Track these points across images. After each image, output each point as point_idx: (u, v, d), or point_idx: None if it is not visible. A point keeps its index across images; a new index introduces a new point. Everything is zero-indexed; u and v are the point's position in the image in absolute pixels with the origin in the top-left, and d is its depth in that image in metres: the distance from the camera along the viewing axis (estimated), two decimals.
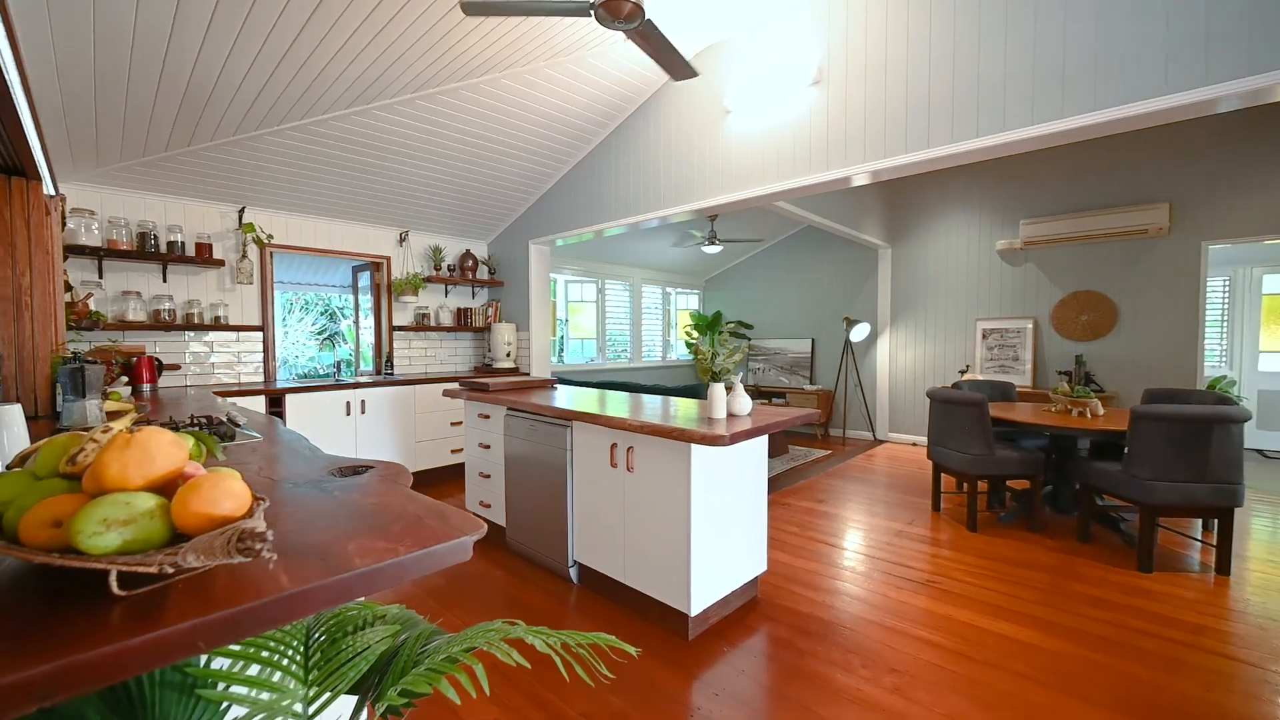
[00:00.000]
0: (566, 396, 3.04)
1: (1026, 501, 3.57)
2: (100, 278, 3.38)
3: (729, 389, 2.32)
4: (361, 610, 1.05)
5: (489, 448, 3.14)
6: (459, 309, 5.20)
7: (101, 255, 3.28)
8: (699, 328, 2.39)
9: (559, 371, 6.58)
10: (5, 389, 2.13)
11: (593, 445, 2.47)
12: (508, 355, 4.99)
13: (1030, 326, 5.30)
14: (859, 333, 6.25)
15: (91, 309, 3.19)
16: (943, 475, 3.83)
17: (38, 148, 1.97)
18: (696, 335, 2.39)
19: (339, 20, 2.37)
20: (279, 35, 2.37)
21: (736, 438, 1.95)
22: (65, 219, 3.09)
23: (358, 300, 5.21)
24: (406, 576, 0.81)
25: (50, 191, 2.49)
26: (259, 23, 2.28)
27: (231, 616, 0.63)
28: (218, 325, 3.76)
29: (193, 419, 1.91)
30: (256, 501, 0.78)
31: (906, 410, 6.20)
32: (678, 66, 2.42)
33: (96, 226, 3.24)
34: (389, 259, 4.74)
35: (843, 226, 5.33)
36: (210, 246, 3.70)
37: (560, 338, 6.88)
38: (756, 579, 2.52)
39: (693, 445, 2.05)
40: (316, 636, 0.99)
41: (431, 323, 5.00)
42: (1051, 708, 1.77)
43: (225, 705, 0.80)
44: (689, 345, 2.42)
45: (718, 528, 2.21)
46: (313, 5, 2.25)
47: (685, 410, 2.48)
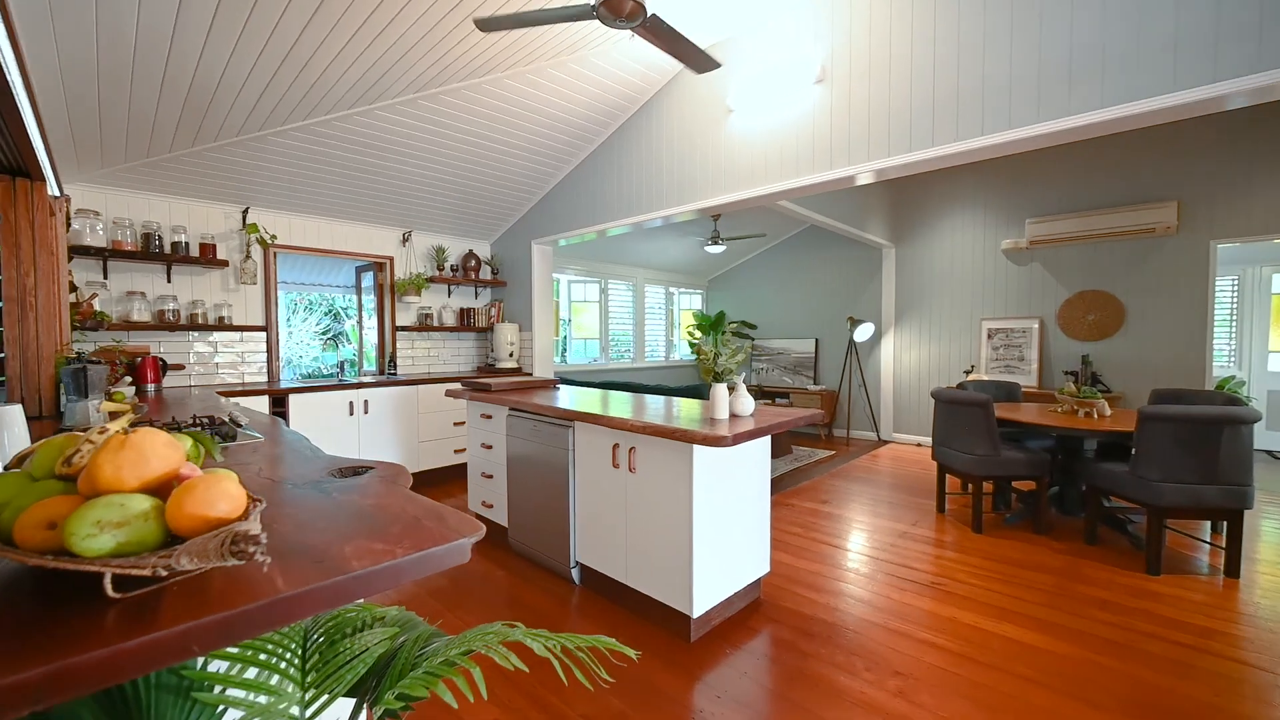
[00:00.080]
0: (569, 397, 3.03)
1: (1032, 503, 3.54)
2: (105, 278, 3.40)
3: (731, 389, 2.31)
4: (360, 612, 1.05)
5: (491, 448, 3.14)
6: (462, 309, 5.20)
7: (106, 256, 3.30)
8: (702, 328, 2.39)
9: (562, 372, 6.58)
10: (9, 389, 2.14)
11: (595, 446, 2.46)
12: (510, 355, 4.99)
13: (1036, 326, 5.26)
14: (863, 333, 6.22)
15: (96, 309, 3.20)
16: (947, 476, 3.81)
17: (41, 149, 1.98)
18: (699, 335, 2.39)
19: (340, 21, 2.37)
20: (280, 36, 2.37)
21: (739, 438, 1.94)
22: (70, 220, 3.10)
23: (361, 300, 5.22)
24: (403, 579, 0.80)
25: (55, 192, 2.50)
26: (260, 23, 2.28)
27: (225, 620, 0.62)
28: (221, 325, 3.77)
29: (195, 419, 1.92)
30: (253, 503, 0.78)
31: (911, 410, 6.16)
32: (696, 58, 2.36)
33: (101, 227, 3.26)
34: (392, 259, 4.75)
35: (847, 226, 5.31)
36: (214, 247, 3.71)
37: (563, 338, 6.88)
38: (759, 580, 2.51)
39: (695, 446, 2.04)
40: (315, 638, 0.98)
41: (434, 323, 5.00)
42: (1057, 712, 1.75)
43: (222, 709, 0.79)
44: (692, 345, 2.41)
45: (720, 529, 2.20)
46: (314, 6, 2.25)
47: (688, 411, 2.47)
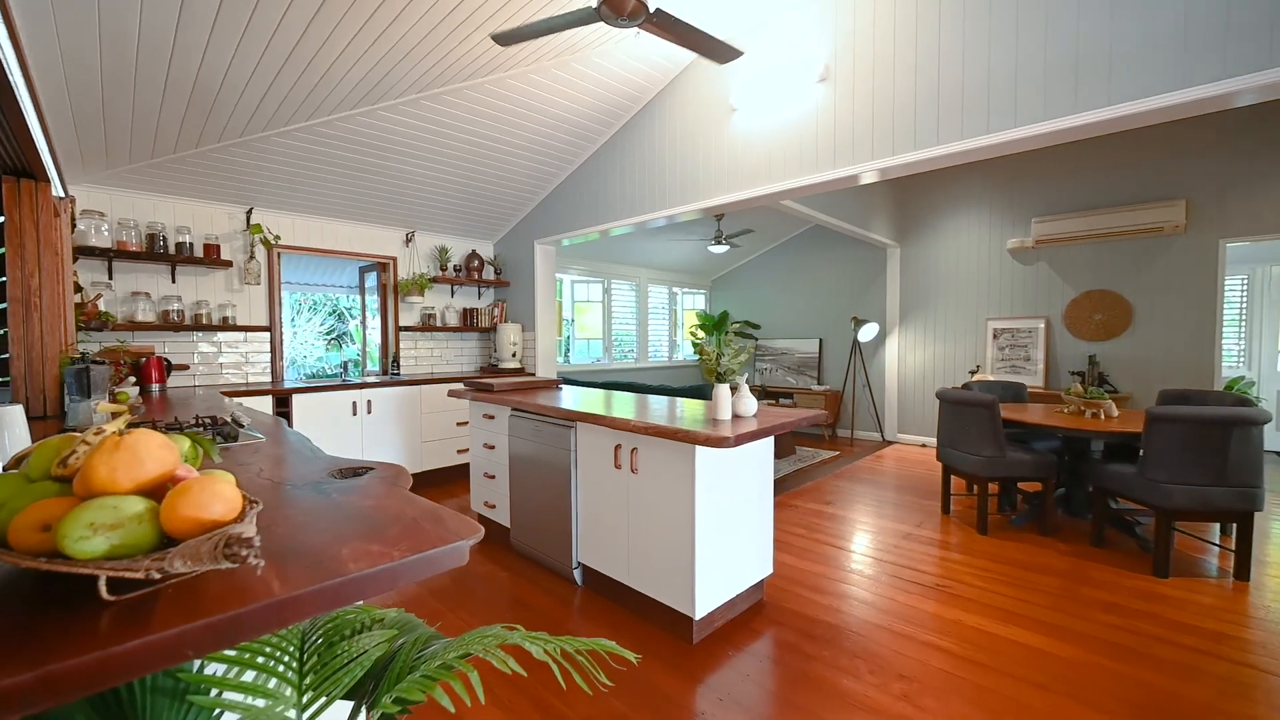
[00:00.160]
0: (571, 397, 3.02)
1: (1038, 504, 3.51)
2: (110, 279, 3.41)
3: (734, 389, 2.30)
4: (359, 614, 1.04)
5: (494, 448, 3.14)
6: (465, 309, 5.21)
7: (111, 256, 3.31)
8: (705, 328, 2.38)
9: (565, 372, 6.58)
10: (14, 389, 2.15)
11: (597, 446, 2.45)
12: (513, 355, 4.99)
13: (1042, 326, 5.22)
14: (867, 333, 6.19)
15: (101, 309, 3.22)
16: (952, 477, 3.78)
17: (45, 150, 1.99)
18: (702, 335, 2.37)
19: (342, 21, 2.37)
20: (282, 36, 2.37)
21: (741, 439, 1.93)
22: (75, 221, 3.12)
23: (364, 301, 5.23)
24: (401, 581, 0.79)
25: (59, 193, 2.51)
26: (262, 24, 2.28)
27: (219, 623, 0.62)
28: (226, 326, 3.79)
29: (197, 419, 1.92)
30: (249, 505, 0.77)
31: (916, 411, 6.13)
32: (714, 49, 2.30)
33: (106, 228, 3.27)
34: (395, 259, 4.75)
35: (851, 225, 5.28)
36: (218, 247, 3.73)
37: (566, 338, 6.87)
38: (762, 582, 2.49)
39: (697, 447, 2.03)
40: (314, 639, 0.98)
41: (437, 323, 5.01)
42: (1062, 716, 1.73)
43: (218, 711, 0.79)
44: (695, 345, 2.40)
45: (723, 530, 2.19)
46: (315, 6, 2.25)
47: (690, 411, 2.46)
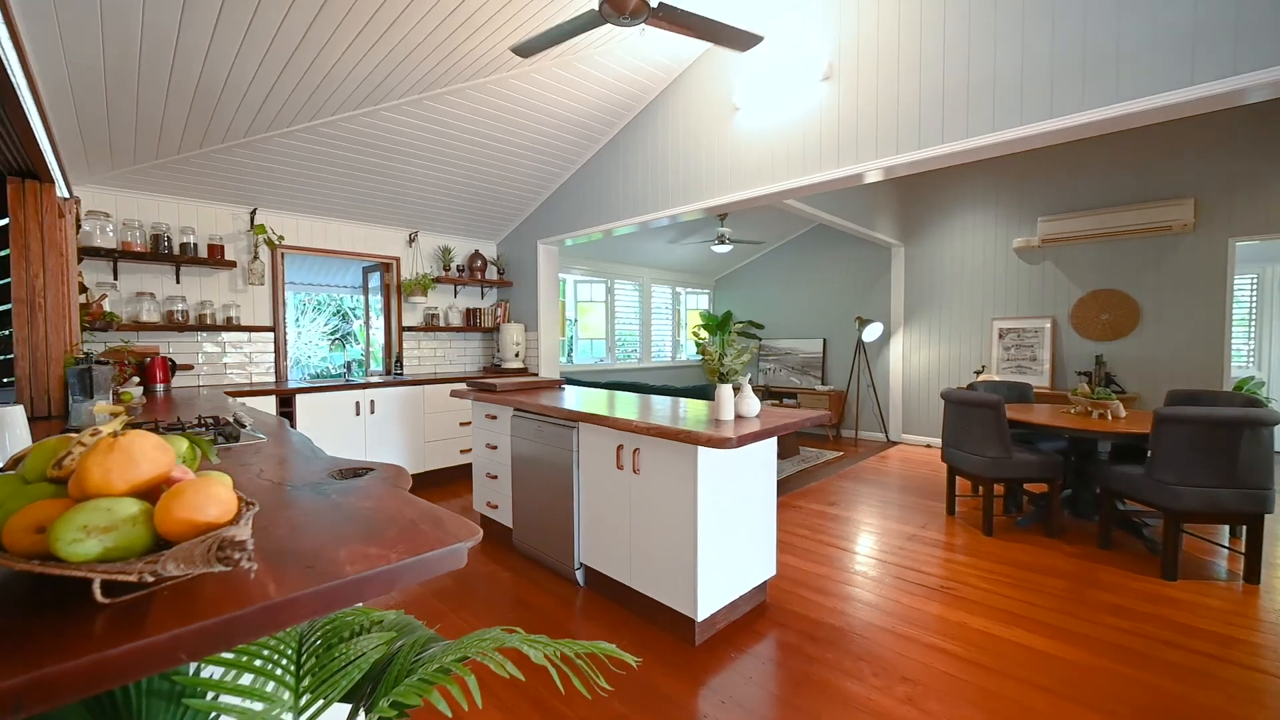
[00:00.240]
0: (574, 397, 3.02)
1: (1044, 505, 3.48)
2: (115, 279, 3.43)
3: (737, 390, 2.29)
4: (357, 616, 1.03)
5: (496, 448, 3.13)
6: (468, 309, 5.21)
7: (116, 257, 3.32)
8: (709, 328, 2.36)
9: (568, 372, 6.57)
10: (19, 389, 2.16)
11: (599, 447, 2.44)
12: (516, 355, 4.99)
13: (1048, 326, 5.18)
14: (872, 332, 6.16)
15: (106, 310, 3.23)
16: (957, 478, 3.75)
17: (48, 150, 1.99)
18: (705, 335, 2.36)
19: (343, 22, 2.37)
20: (284, 37, 2.37)
21: (743, 440, 1.91)
22: (80, 221, 3.14)
23: (368, 301, 5.24)
24: (398, 584, 0.79)
25: (64, 194, 2.52)
26: (263, 25, 2.28)
27: (213, 626, 0.61)
28: (230, 326, 3.80)
29: (200, 419, 1.92)
30: (245, 506, 0.76)
31: (920, 411, 6.09)
32: (731, 37, 2.22)
33: (111, 229, 3.28)
34: (398, 260, 4.76)
35: (855, 225, 5.25)
36: (222, 248, 3.74)
37: (569, 338, 6.87)
38: (765, 583, 2.48)
39: (699, 448, 2.01)
40: (312, 641, 0.97)
41: (441, 323, 5.01)
42: None
43: (214, 715, 0.78)
44: (698, 345, 2.39)
45: (725, 531, 2.18)
46: (316, 7, 2.25)
47: (693, 411, 2.44)
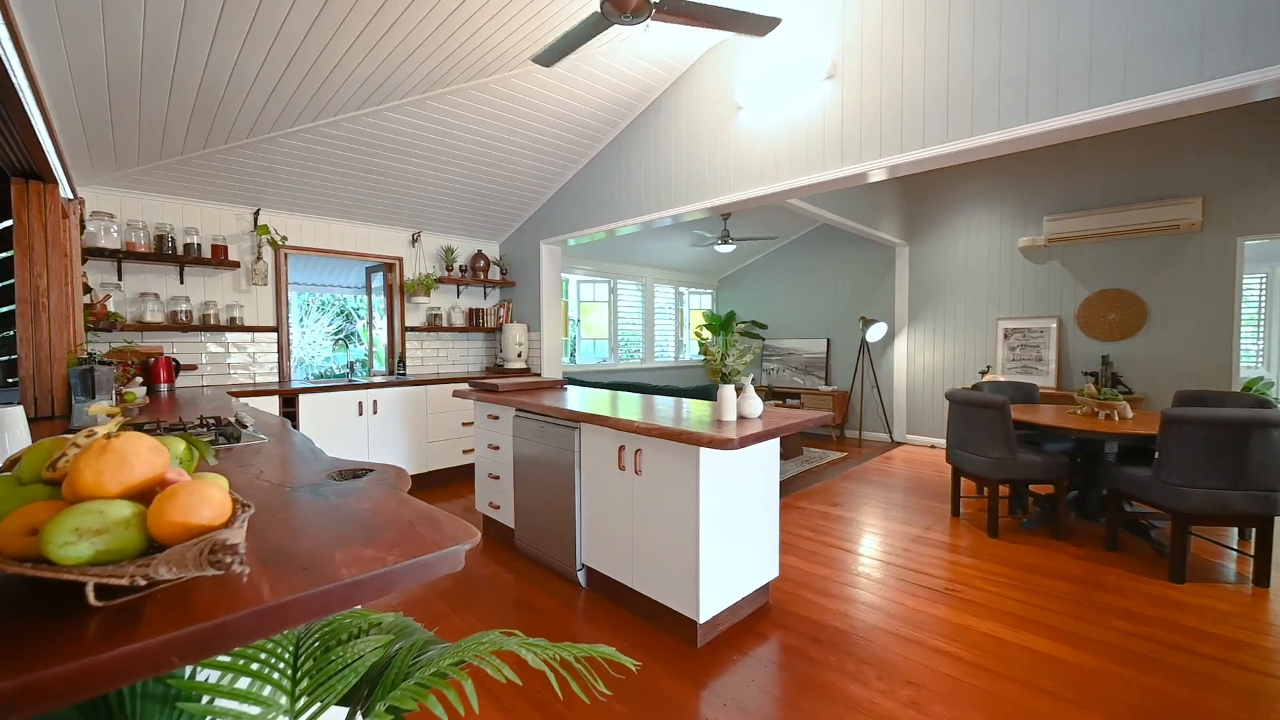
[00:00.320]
0: (576, 397, 3.01)
1: (1050, 507, 3.45)
2: (119, 279, 3.44)
3: (739, 390, 2.27)
4: (356, 618, 1.03)
5: (498, 449, 3.13)
6: (471, 309, 5.21)
7: (120, 257, 3.34)
8: (712, 328, 2.35)
9: (571, 372, 6.57)
10: (23, 390, 2.17)
11: (600, 447, 2.43)
12: (519, 356, 4.98)
13: (1054, 326, 5.14)
14: (876, 332, 6.13)
15: (110, 310, 3.24)
16: (962, 479, 3.73)
17: (51, 151, 2.00)
18: (708, 335, 2.35)
19: (344, 23, 2.36)
20: (285, 38, 2.37)
21: (745, 441, 1.90)
22: (84, 222, 3.15)
23: (371, 301, 5.25)
24: (394, 587, 0.78)
25: (68, 195, 2.53)
26: (264, 25, 2.28)
27: (205, 630, 0.61)
28: (233, 326, 3.81)
29: (202, 420, 1.92)
30: (240, 509, 0.76)
31: (925, 411, 6.06)
32: (746, 23, 2.15)
33: (116, 229, 3.30)
34: (401, 260, 4.76)
35: (859, 224, 5.22)
36: (226, 248, 3.75)
37: (572, 338, 6.87)
38: (768, 585, 2.46)
39: (701, 449, 2.00)
40: (310, 643, 0.96)
41: (443, 323, 5.01)
42: None
43: (209, 719, 0.78)
44: (700, 346, 2.37)
45: (728, 532, 2.16)
46: (318, 7, 2.25)
47: (695, 412, 2.43)
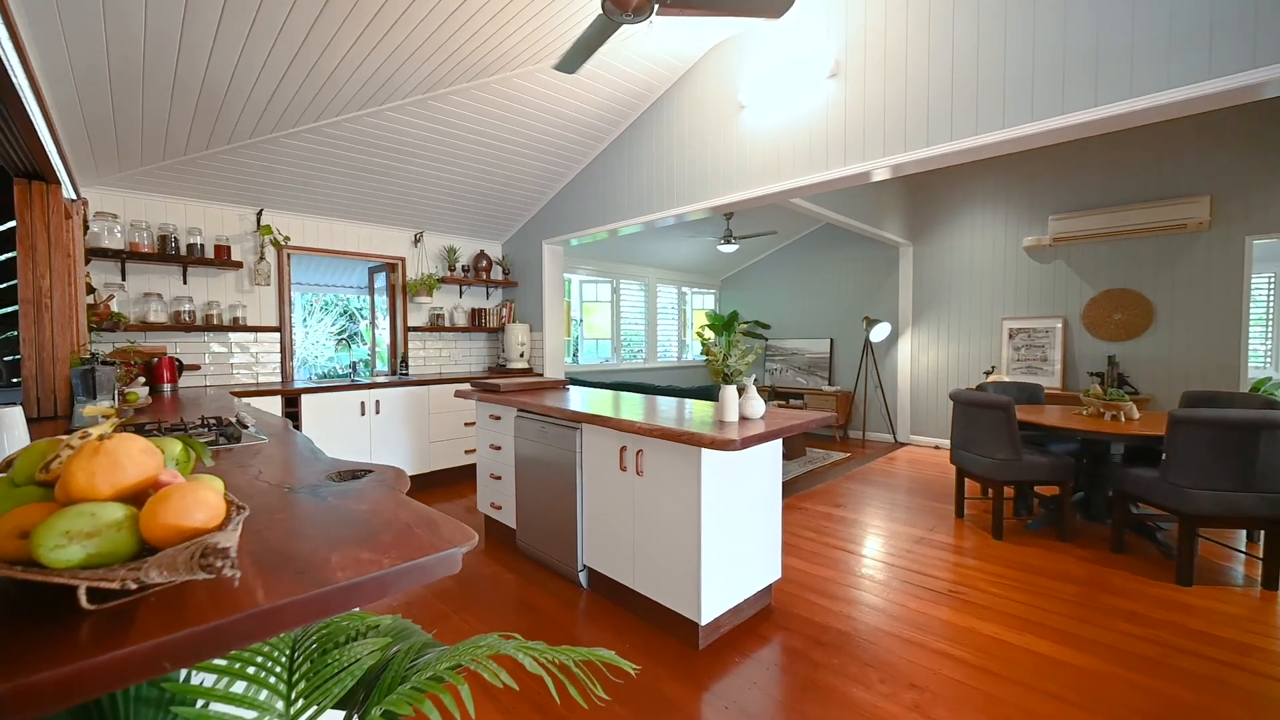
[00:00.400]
0: (578, 398, 3.00)
1: (1056, 508, 3.42)
2: (123, 280, 3.45)
3: (741, 391, 2.26)
4: (353, 620, 1.02)
5: (500, 449, 3.12)
6: (473, 309, 5.21)
7: (124, 258, 3.34)
8: (714, 328, 2.34)
9: (573, 372, 6.56)
10: (26, 390, 2.17)
11: (602, 448, 2.43)
12: (521, 356, 4.98)
13: (1059, 326, 5.10)
14: (879, 332, 6.11)
15: (113, 310, 3.25)
16: (966, 480, 3.70)
17: (53, 152, 2.00)
18: (710, 335, 2.34)
19: (345, 23, 2.36)
20: (287, 38, 2.37)
21: (747, 442, 1.89)
22: (88, 222, 3.16)
23: (374, 301, 5.25)
24: (390, 591, 0.77)
25: (71, 195, 2.54)
26: (265, 25, 2.28)
27: (197, 635, 0.60)
28: (236, 326, 3.81)
29: (203, 420, 1.92)
30: (235, 511, 0.75)
31: (929, 412, 6.03)
32: (756, 5, 2.11)
33: (119, 230, 3.30)
34: (404, 260, 4.77)
35: (862, 224, 5.20)
36: (229, 249, 3.75)
37: (575, 338, 6.86)
38: (770, 586, 2.45)
39: (702, 450, 1.99)
40: (307, 645, 0.96)
41: (446, 323, 5.01)
42: None
43: None
44: (703, 346, 2.36)
45: (729, 533, 2.15)
46: (318, 7, 2.25)
47: (697, 413, 2.42)
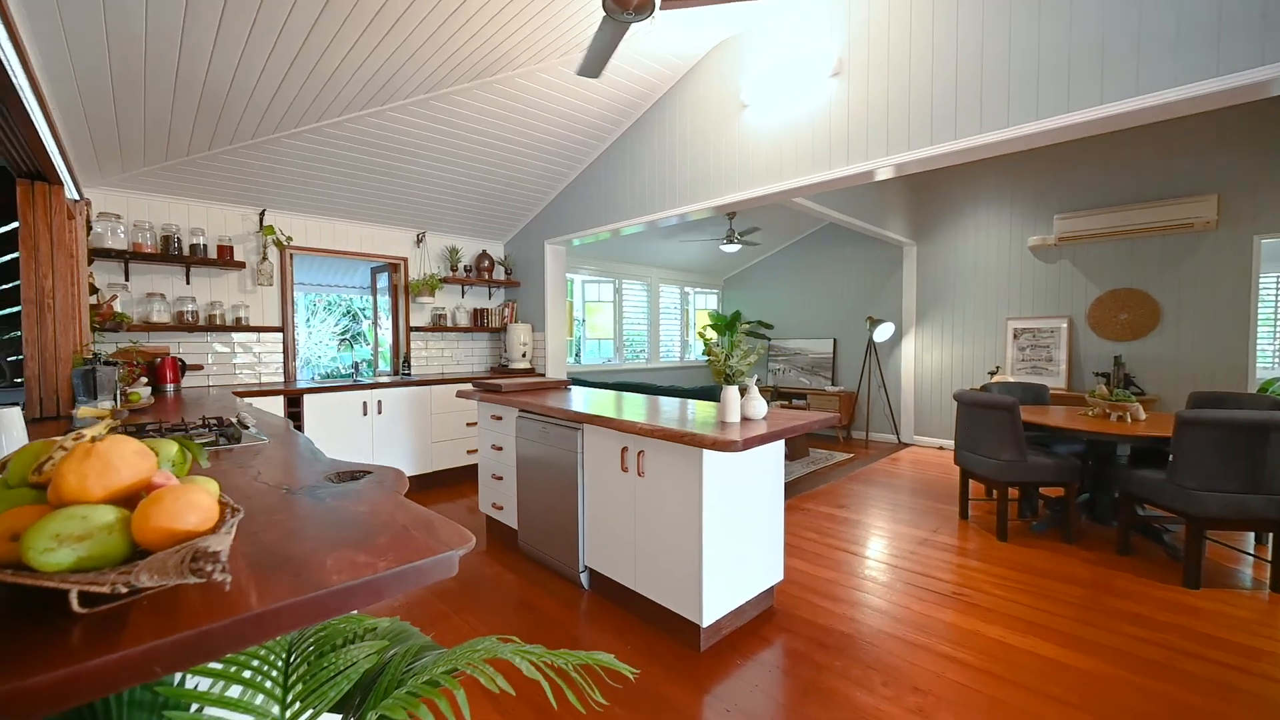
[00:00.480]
0: (579, 398, 2.99)
1: (1061, 510, 3.40)
2: (126, 280, 3.46)
3: (743, 391, 2.25)
4: (351, 623, 1.01)
5: (502, 449, 3.12)
6: (475, 309, 5.21)
7: (127, 258, 3.35)
8: (717, 327, 2.33)
9: (576, 372, 6.56)
10: (28, 390, 2.18)
11: (603, 449, 2.42)
12: (523, 356, 4.98)
13: (1065, 326, 5.07)
14: (883, 332, 6.08)
15: (116, 310, 3.26)
16: (971, 481, 3.68)
17: (55, 153, 2.00)
18: (712, 335, 2.32)
19: (345, 23, 2.36)
20: (287, 38, 2.37)
21: (749, 443, 1.88)
22: (91, 223, 3.17)
23: (376, 301, 5.26)
24: (385, 594, 0.76)
25: (73, 196, 2.54)
26: (266, 26, 2.27)
27: (188, 639, 0.59)
28: (239, 326, 3.82)
29: (204, 420, 1.92)
30: (228, 514, 0.74)
31: (933, 412, 6.00)
32: None
33: (122, 230, 3.32)
34: (406, 260, 4.77)
35: (866, 223, 5.18)
36: (231, 249, 3.76)
37: (577, 338, 6.85)
38: (772, 588, 2.43)
39: (704, 450, 1.98)
40: (304, 647, 0.95)
41: (448, 323, 5.01)
42: None
43: None
44: (705, 345, 2.35)
45: (731, 534, 2.14)
46: (318, 8, 2.24)
47: (699, 413, 2.41)
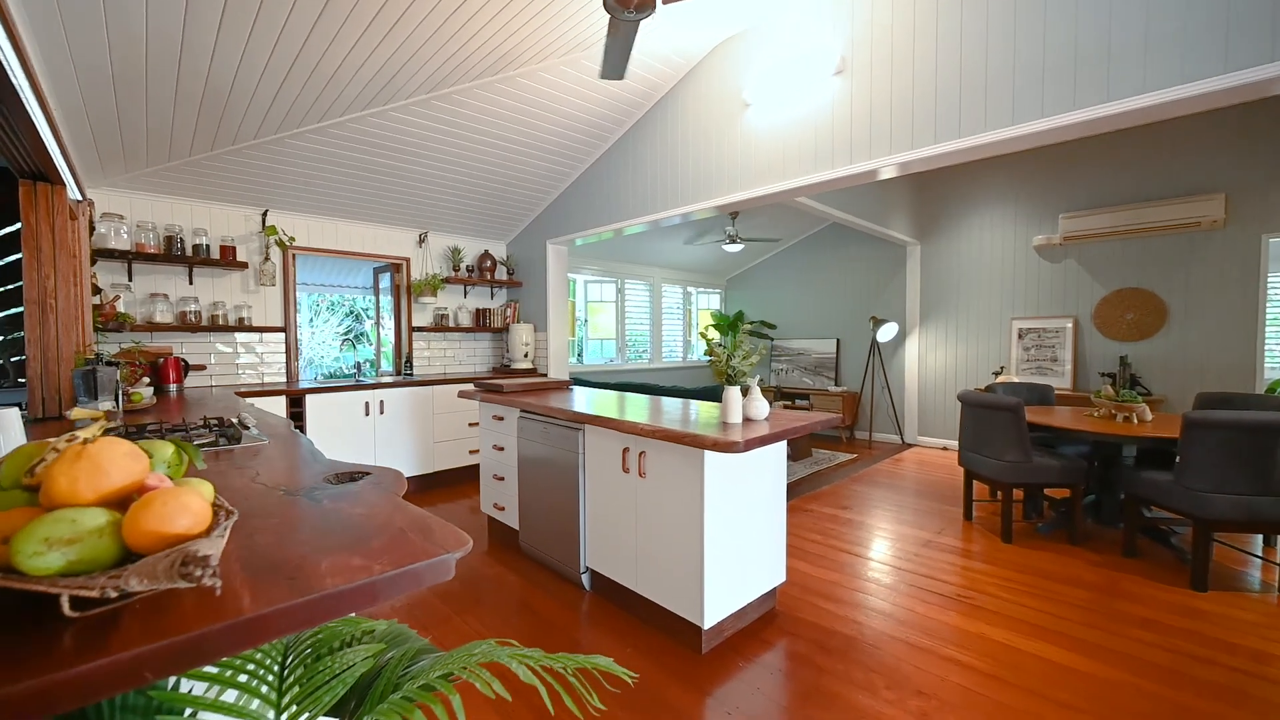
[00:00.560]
0: (581, 398, 2.98)
1: (1066, 512, 3.37)
2: (129, 280, 3.47)
3: (745, 392, 2.23)
4: (348, 625, 1.00)
5: (503, 450, 3.11)
6: (477, 309, 5.21)
7: (130, 258, 3.36)
8: (720, 327, 2.31)
9: (578, 372, 6.55)
10: (30, 390, 2.18)
11: (604, 449, 2.41)
12: (525, 356, 4.97)
13: (1070, 326, 5.03)
14: (886, 332, 6.05)
15: (119, 311, 3.27)
16: (975, 482, 3.65)
17: (57, 153, 2.00)
18: (715, 335, 2.31)
19: (346, 22, 2.35)
20: (288, 38, 2.36)
21: (751, 444, 1.86)
22: (94, 223, 3.18)
23: (379, 301, 5.26)
24: (381, 598, 0.76)
25: (76, 196, 2.55)
26: (266, 26, 2.27)
27: (179, 644, 0.58)
28: (241, 326, 3.83)
29: (204, 420, 1.92)
30: (224, 516, 0.73)
31: (937, 413, 5.97)
32: None
33: (125, 230, 3.33)
34: (408, 260, 4.77)
35: (869, 223, 5.15)
36: (234, 249, 3.77)
37: (579, 338, 6.85)
38: (775, 590, 2.42)
39: (705, 451, 1.96)
40: (301, 649, 0.94)
41: (450, 323, 5.01)
42: None
43: None
44: (707, 346, 2.34)
45: (733, 536, 2.13)
46: (319, 8, 2.24)
47: (701, 414, 2.40)
